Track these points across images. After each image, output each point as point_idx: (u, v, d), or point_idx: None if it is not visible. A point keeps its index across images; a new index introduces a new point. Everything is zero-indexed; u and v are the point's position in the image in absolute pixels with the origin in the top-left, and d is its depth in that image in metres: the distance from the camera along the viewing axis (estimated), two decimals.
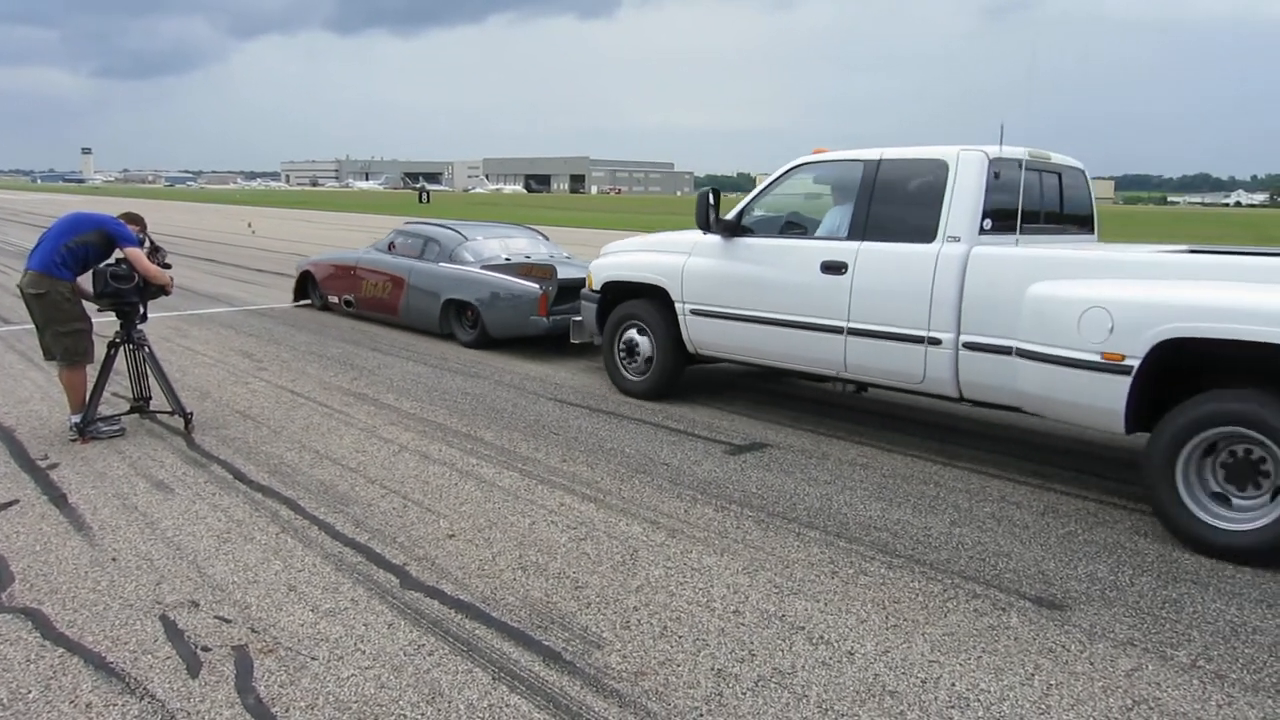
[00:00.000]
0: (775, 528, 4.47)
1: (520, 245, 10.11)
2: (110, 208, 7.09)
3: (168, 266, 5.86)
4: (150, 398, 6.05)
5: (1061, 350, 4.54)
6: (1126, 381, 4.30)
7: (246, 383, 7.31)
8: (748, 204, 6.40)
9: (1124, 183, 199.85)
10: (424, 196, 73.20)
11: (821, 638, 3.42)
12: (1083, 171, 6.17)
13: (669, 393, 7.04)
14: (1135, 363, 4.26)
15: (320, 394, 6.97)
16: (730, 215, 6.36)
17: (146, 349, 5.87)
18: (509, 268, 9.14)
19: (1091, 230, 6.27)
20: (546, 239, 10.79)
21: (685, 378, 7.15)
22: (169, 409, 5.91)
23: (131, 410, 6.02)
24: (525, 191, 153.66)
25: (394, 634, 3.39)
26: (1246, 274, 4.28)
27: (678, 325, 6.70)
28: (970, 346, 5.06)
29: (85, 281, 5.75)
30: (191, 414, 5.92)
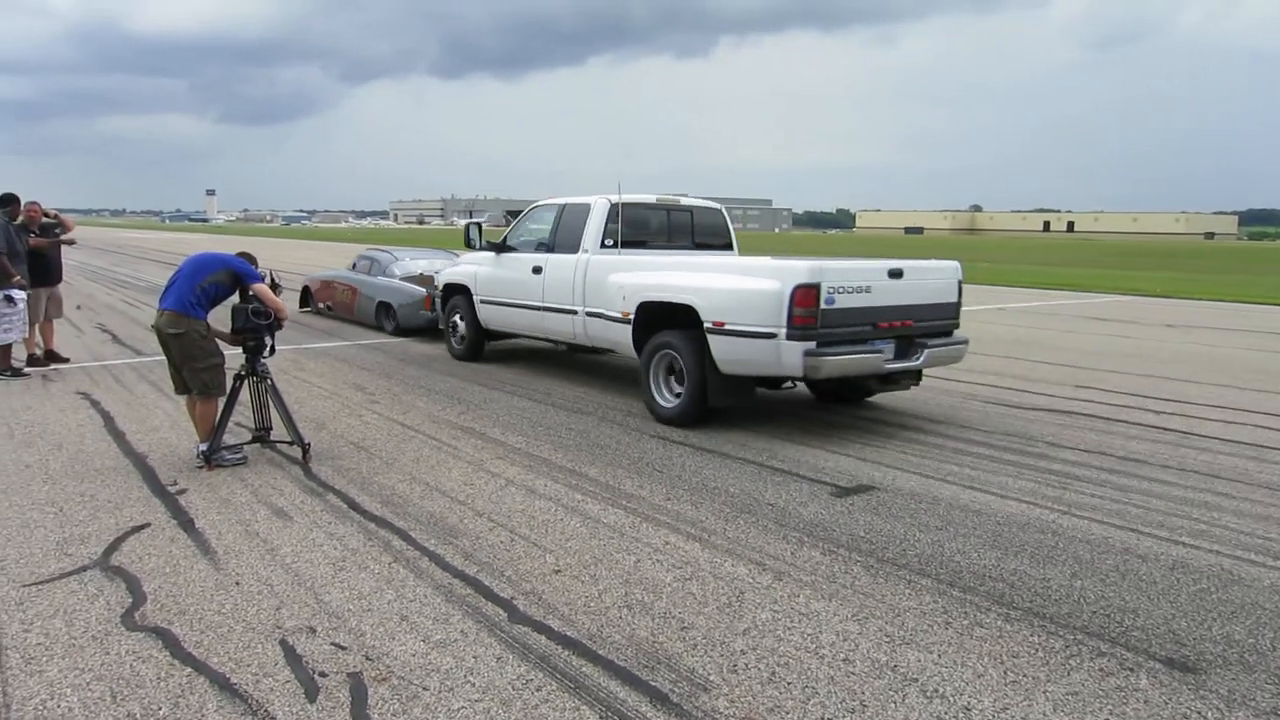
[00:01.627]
0: (885, 574, 4.37)
1: (436, 264, 13.08)
2: (230, 246, 7.48)
3: (276, 288, 6.18)
4: (271, 428, 6.31)
5: (614, 312, 7.77)
6: (629, 328, 7.60)
7: (360, 415, 7.57)
8: (509, 232, 9.63)
9: (1250, 218, 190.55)
10: None
11: (936, 691, 3.32)
12: (720, 210, 9.41)
13: (477, 356, 10.30)
14: (633, 317, 7.54)
15: (429, 427, 7.16)
16: (501, 239, 9.58)
17: (269, 381, 6.15)
18: (413, 278, 12.76)
19: (730, 248, 9.18)
20: (457, 256, 13.16)
21: (794, 417, 7.11)
22: (288, 439, 6.16)
23: (254, 440, 6.29)
24: None
25: (502, 668, 3.43)
26: (684, 268, 7.42)
27: (474, 310, 9.98)
28: (589, 314, 8.17)
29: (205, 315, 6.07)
30: (309, 444, 6.16)
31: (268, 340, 6.08)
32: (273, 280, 6.18)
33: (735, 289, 6.70)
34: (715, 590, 4.14)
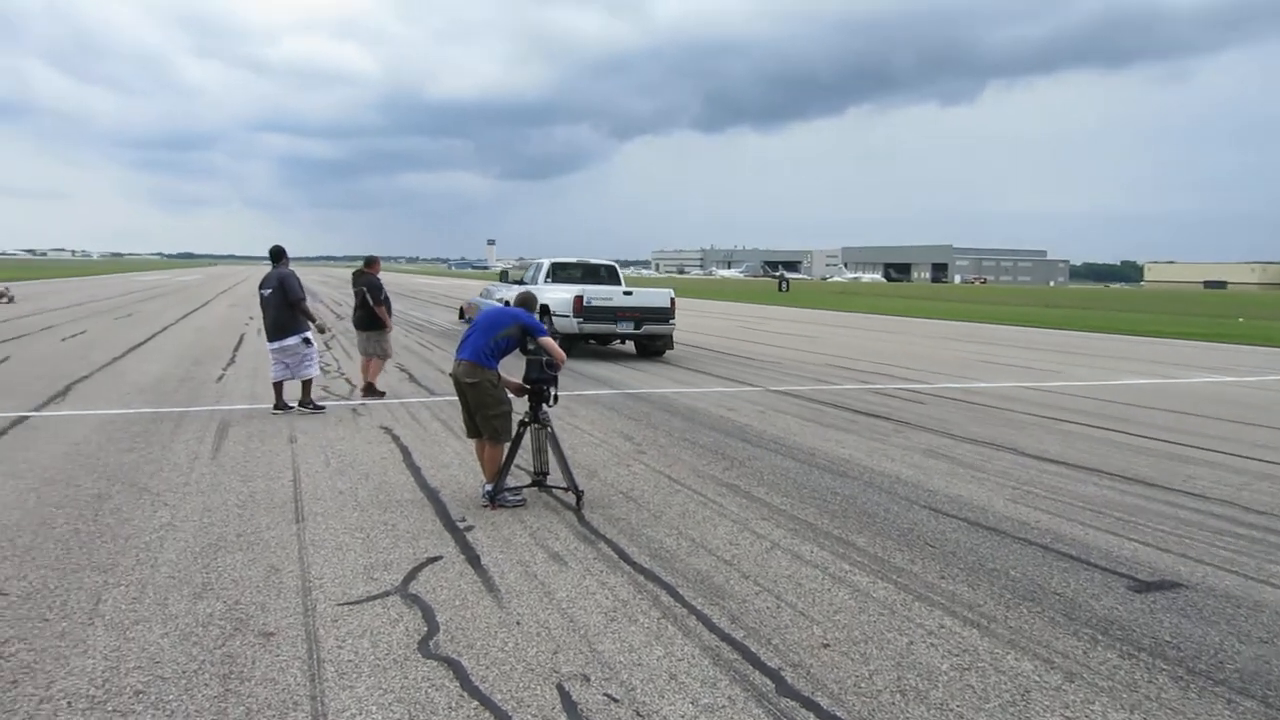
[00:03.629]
0: (1198, 689, 3.90)
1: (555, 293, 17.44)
2: (508, 292, 7.99)
3: (556, 338, 6.53)
4: (548, 473, 6.67)
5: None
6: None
7: (628, 465, 7.83)
8: (545, 275, 18.34)
9: None
10: (783, 285, 74.91)
11: None
12: (615, 268, 19.00)
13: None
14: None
15: (695, 481, 7.28)
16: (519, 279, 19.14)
17: (550, 429, 6.52)
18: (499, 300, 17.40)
19: (620, 281, 18.24)
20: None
21: (1077, 495, 6.61)
22: (563, 485, 6.48)
23: (532, 484, 6.67)
24: (884, 280, 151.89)
25: None
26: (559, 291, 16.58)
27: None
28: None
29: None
30: (582, 492, 6.44)
31: (551, 390, 6.46)
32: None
33: (563, 298, 16.13)
34: (997, 685, 3.87)
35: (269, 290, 9.97)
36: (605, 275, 18.82)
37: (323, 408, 10.08)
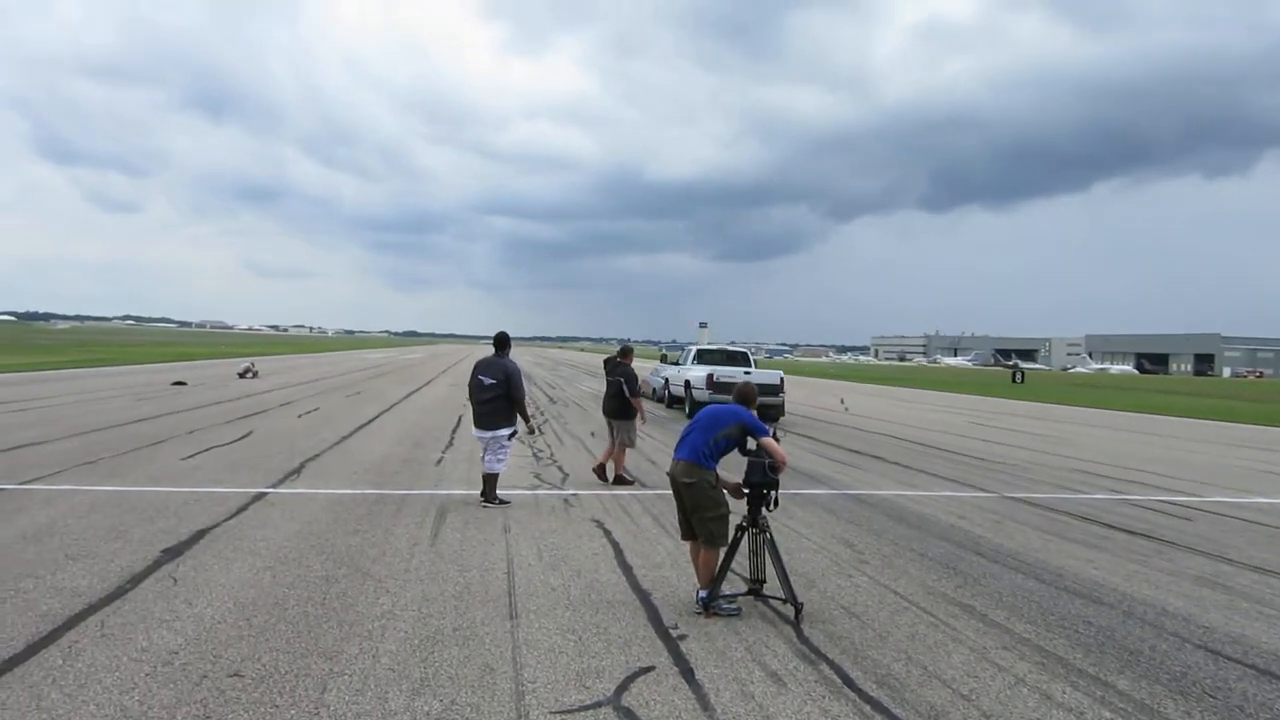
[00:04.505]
0: None
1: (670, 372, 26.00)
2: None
3: (777, 439, 6.43)
4: (765, 581, 6.54)
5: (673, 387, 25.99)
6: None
7: (849, 575, 7.57)
8: (692, 358, 25.11)
9: None
10: (1018, 376, 71.33)
11: None
12: (746, 354, 26.05)
13: None
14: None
15: (924, 599, 6.92)
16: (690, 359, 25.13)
17: (768, 534, 6.42)
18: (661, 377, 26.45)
19: (750, 364, 25.11)
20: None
21: None
22: (781, 595, 6.33)
23: (748, 592, 6.57)
24: (1136, 372, 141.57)
25: None
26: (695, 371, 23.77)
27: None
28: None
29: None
30: (802, 604, 6.27)
31: (772, 494, 6.38)
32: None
33: (699, 375, 22.57)
34: None
35: (492, 380, 10.17)
36: (738, 359, 25.39)
37: (507, 502, 10.23)
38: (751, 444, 6.45)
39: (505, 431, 10.17)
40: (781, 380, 23.12)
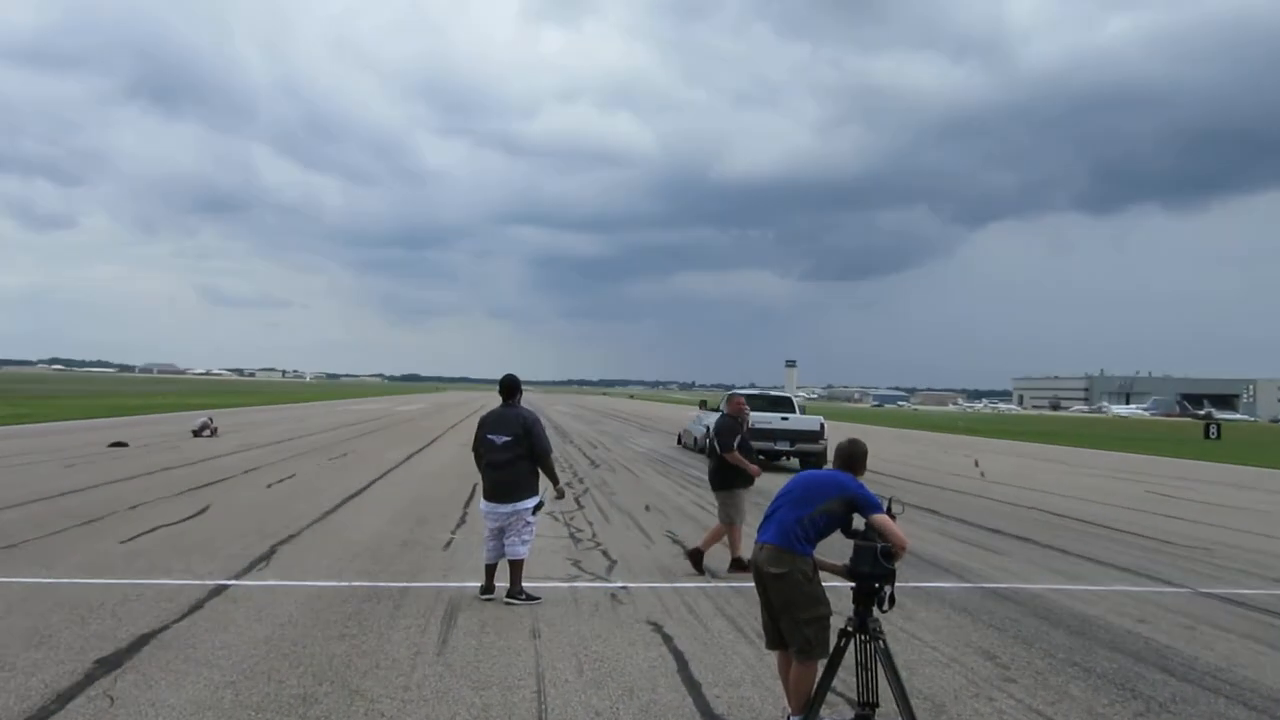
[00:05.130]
0: None
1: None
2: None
3: (893, 516, 6.34)
4: (877, 705, 6.43)
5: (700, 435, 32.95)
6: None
7: (990, 697, 7.45)
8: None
9: None
10: (1212, 430, 70.04)
11: None
12: (790, 400, 31.66)
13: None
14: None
15: None
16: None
17: (882, 642, 6.32)
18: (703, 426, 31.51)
19: (793, 410, 30.15)
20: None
21: None
22: None
23: (856, 718, 6.46)
24: None
25: None
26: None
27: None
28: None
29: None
30: None
31: (886, 589, 6.28)
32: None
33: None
34: None
35: (506, 438, 10.18)
36: (780, 404, 30.84)
37: (537, 598, 10.24)
38: (859, 522, 6.39)
39: (529, 503, 10.16)
40: (822, 427, 28.63)
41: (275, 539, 13.41)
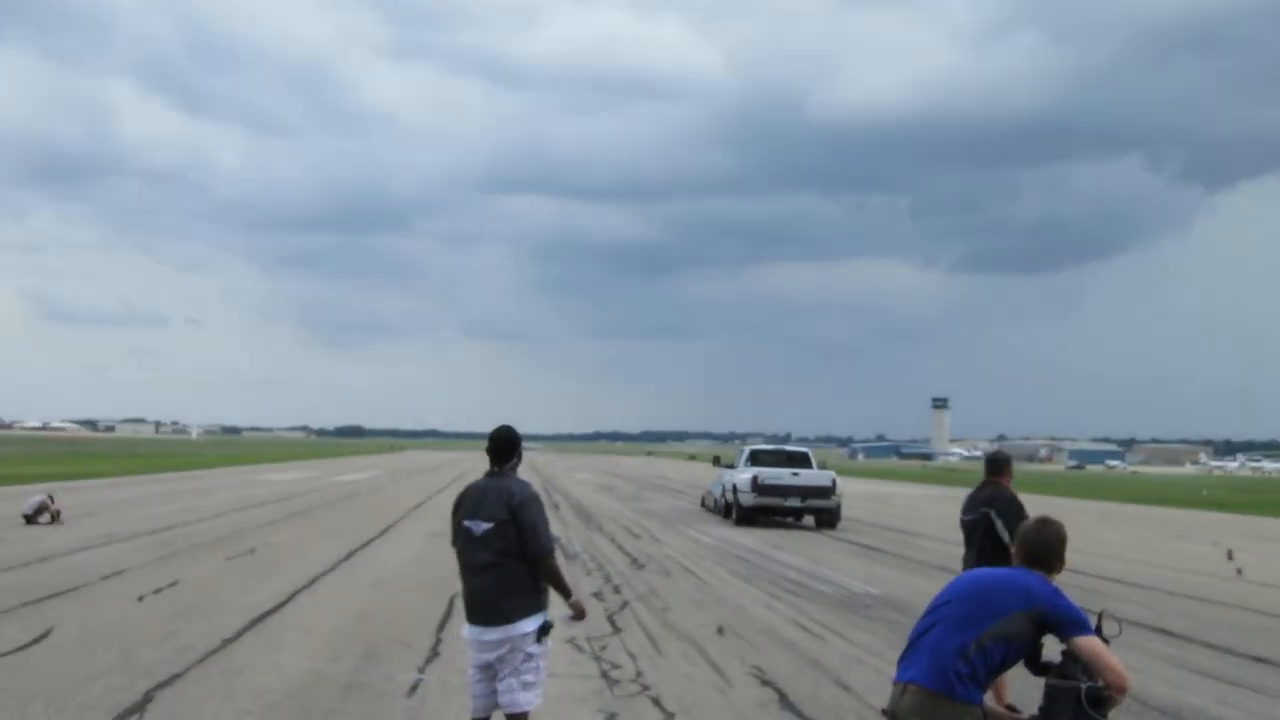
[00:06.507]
0: None
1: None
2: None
3: (1106, 639, 6.32)
4: None
5: (728, 494, 55.31)
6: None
7: None
8: (746, 460, 53.12)
9: None
10: None
11: None
12: (807, 455, 54.08)
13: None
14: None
15: None
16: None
17: None
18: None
19: (810, 465, 50.42)
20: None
21: None
22: None
23: None
24: None
25: None
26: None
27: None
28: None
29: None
30: None
31: None
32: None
33: (745, 478, 48.77)
34: None
35: (487, 525, 9.36)
36: (796, 460, 44.76)
37: None
38: (1053, 649, 6.36)
39: (530, 625, 9.65)
40: (834, 482, 43.55)
41: (151, 680, 13.36)
